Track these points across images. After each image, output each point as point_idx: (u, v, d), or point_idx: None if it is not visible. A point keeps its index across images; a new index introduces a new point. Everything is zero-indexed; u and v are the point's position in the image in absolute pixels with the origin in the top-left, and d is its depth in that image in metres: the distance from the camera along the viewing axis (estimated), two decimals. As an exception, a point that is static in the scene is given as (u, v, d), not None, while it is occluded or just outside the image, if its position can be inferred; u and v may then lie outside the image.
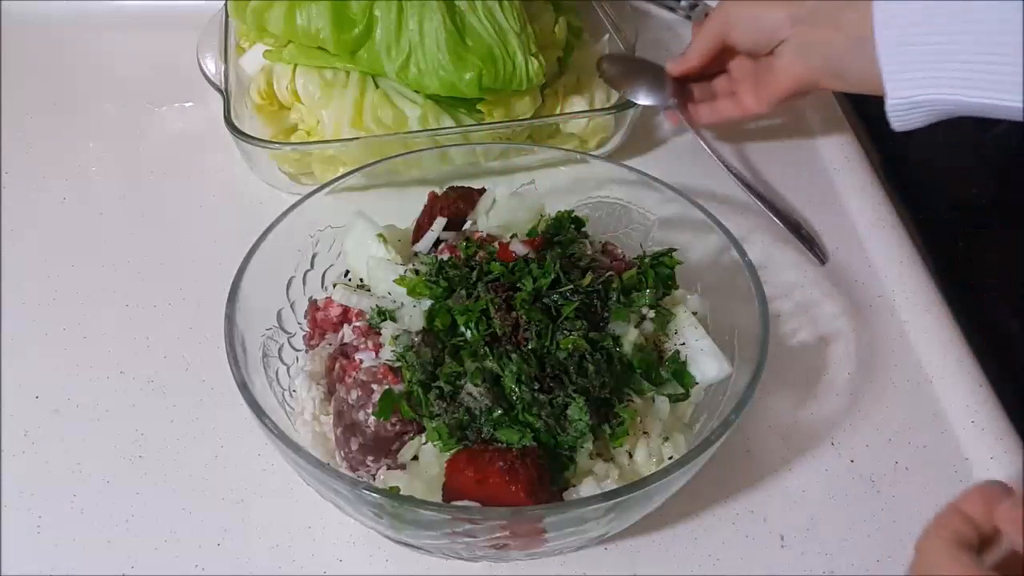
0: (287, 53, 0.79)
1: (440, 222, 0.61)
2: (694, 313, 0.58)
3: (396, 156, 0.69)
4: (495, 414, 0.50)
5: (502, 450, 0.49)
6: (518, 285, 0.55)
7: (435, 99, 0.78)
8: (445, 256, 0.58)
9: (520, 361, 0.51)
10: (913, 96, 0.59)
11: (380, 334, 0.55)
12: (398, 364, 0.53)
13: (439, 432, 0.50)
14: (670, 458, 0.52)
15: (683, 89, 0.81)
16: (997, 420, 0.64)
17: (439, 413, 0.51)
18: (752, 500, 0.60)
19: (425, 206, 0.64)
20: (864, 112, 0.92)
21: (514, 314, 0.53)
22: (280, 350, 0.59)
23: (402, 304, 0.56)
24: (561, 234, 0.60)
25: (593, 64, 0.85)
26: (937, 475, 0.62)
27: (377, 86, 0.78)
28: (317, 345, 0.59)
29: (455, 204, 0.63)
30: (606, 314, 0.55)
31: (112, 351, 0.68)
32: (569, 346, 0.52)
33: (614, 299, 0.56)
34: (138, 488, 0.60)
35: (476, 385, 0.51)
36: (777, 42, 0.72)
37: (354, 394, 0.53)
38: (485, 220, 0.63)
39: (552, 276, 0.55)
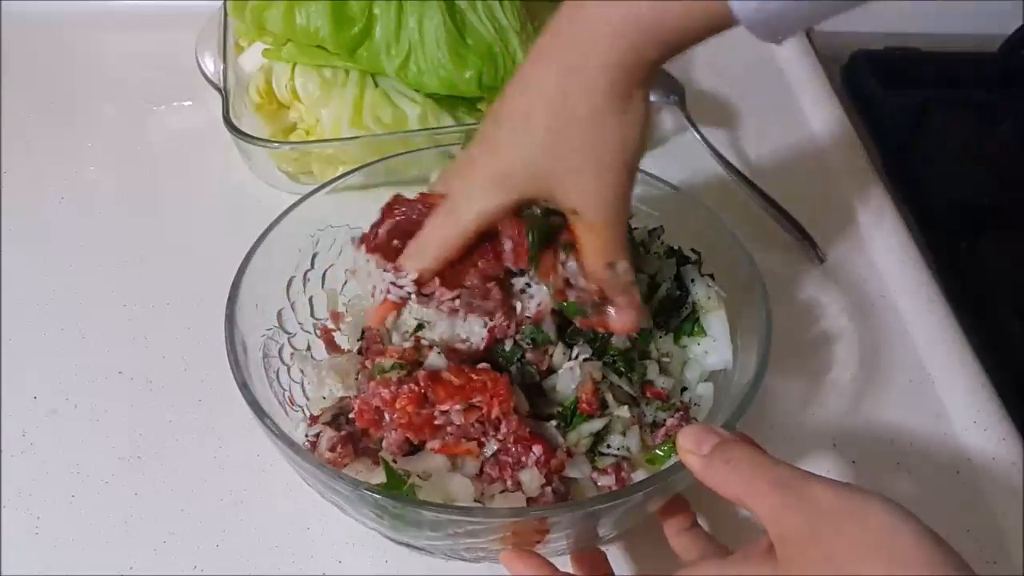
0: (286, 52, 0.79)
1: None
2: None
3: (396, 155, 0.69)
4: None
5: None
6: None
7: (435, 98, 0.78)
8: None
9: None
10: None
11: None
12: None
13: None
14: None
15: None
16: (999, 421, 0.63)
17: None
18: (754, 501, 0.60)
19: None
20: (866, 111, 0.92)
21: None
22: (280, 350, 0.59)
23: None
24: None
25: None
26: (939, 476, 0.62)
27: (377, 85, 0.78)
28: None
29: None
30: None
31: (110, 351, 0.68)
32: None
33: None
34: (136, 489, 0.60)
35: None
36: None
37: None
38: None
39: None
